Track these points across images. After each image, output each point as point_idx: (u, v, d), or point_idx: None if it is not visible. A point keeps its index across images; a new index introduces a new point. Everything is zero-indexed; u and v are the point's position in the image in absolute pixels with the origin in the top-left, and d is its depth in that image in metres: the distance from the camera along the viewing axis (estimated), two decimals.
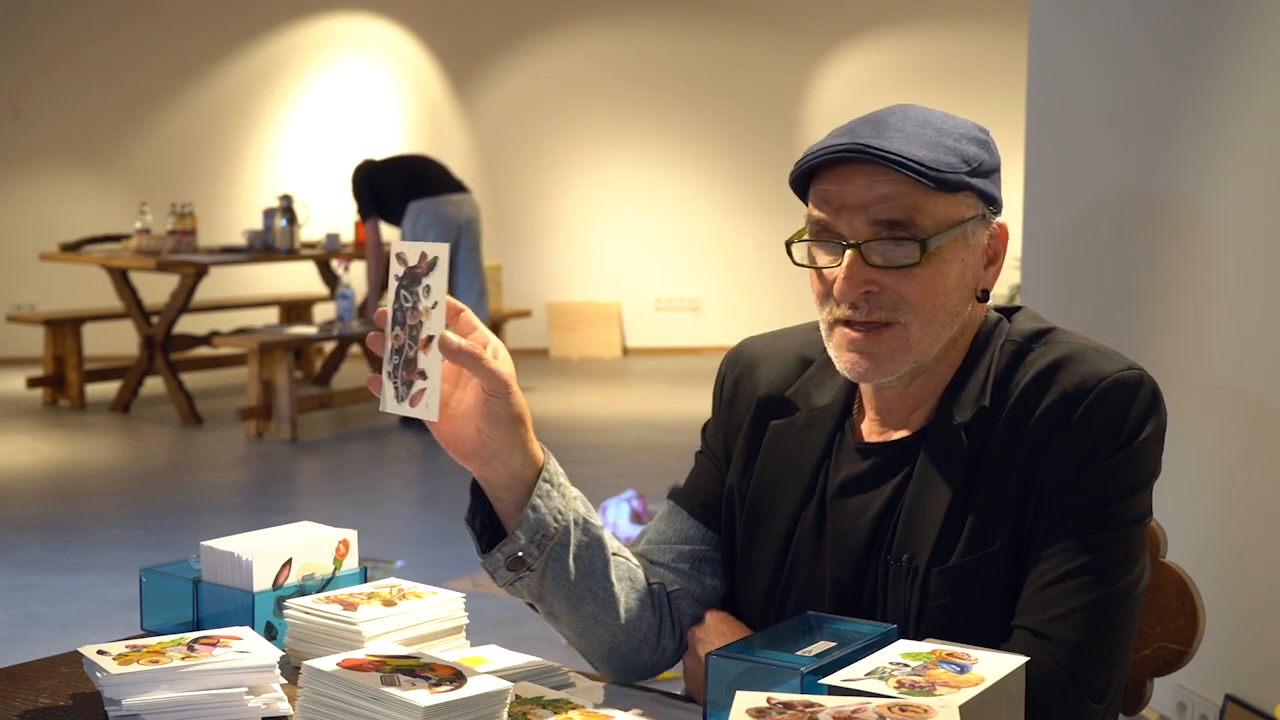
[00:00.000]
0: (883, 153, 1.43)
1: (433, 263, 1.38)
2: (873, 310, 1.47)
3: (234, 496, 6.35)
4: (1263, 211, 3.13)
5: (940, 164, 1.45)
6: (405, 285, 1.40)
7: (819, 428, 1.60)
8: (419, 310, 1.39)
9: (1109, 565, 1.44)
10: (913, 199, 1.45)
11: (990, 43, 10.28)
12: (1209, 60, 3.31)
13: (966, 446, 1.49)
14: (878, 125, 1.48)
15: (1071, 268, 3.86)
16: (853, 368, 1.50)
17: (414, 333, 1.39)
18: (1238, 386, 3.20)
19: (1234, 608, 3.12)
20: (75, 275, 9.32)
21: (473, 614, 1.66)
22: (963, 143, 1.49)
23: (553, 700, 1.44)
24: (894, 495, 1.53)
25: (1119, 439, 1.45)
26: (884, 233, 1.45)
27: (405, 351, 1.40)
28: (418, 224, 7.28)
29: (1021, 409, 1.48)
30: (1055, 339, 1.53)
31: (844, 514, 1.55)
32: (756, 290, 10.30)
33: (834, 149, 1.45)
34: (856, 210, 1.46)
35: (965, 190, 1.48)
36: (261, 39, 10.18)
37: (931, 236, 1.45)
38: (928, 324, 1.48)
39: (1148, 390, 1.47)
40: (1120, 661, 1.46)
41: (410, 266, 1.40)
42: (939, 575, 1.47)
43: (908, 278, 1.46)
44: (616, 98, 10.41)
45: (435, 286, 1.38)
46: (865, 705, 1.15)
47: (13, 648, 4.13)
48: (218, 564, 1.67)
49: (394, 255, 1.42)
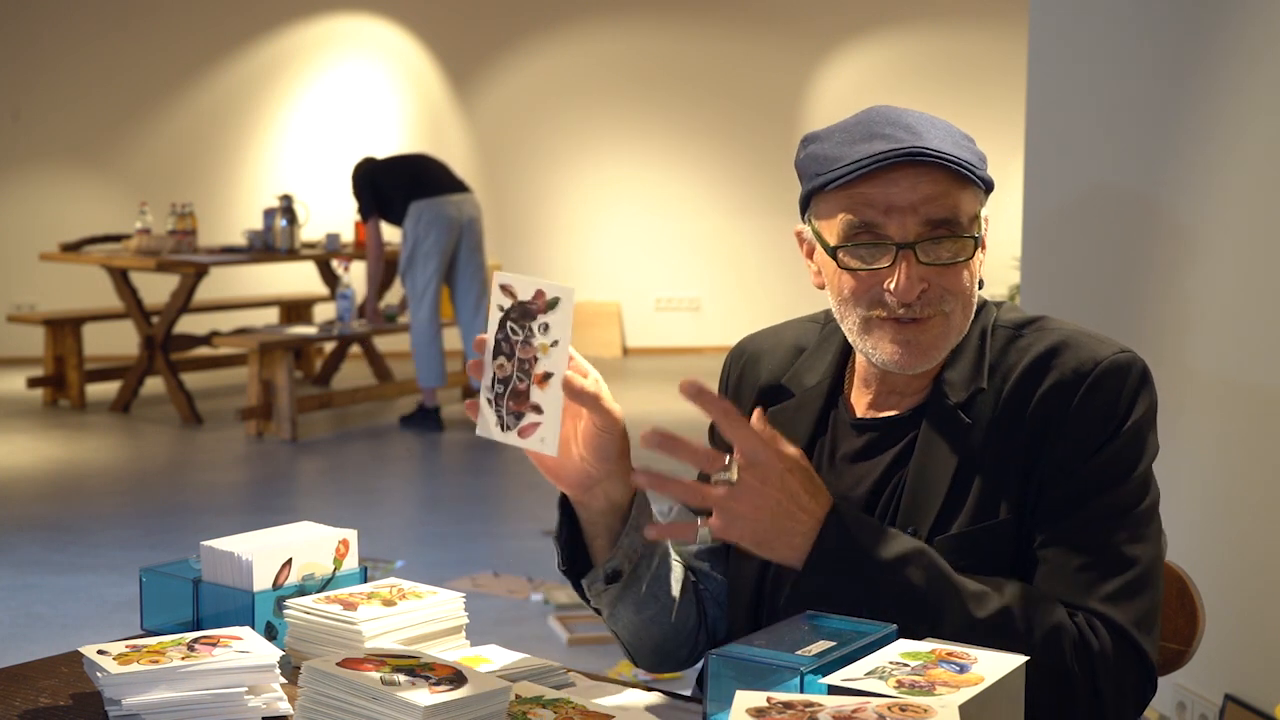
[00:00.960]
0: (940, 154, 1.49)
1: (553, 302, 1.43)
2: (925, 307, 1.53)
3: (234, 496, 6.36)
4: (1262, 211, 3.13)
5: (973, 161, 1.53)
6: (514, 319, 1.45)
7: (810, 405, 1.66)
8: (532, 345, 1.44)
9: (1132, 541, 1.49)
10: (954, 197, 1.52)
11: (990, 43, 10.29)
12: (1209, 60, 3.31)
13: (965, 423, 1.54)
14: (906, 128, 1.53)
15: (1071, 266, 3.86)
16: (898, 359, 1.55)
17: (525, 366, 1.45)
18: (1237, 385, 3.20)
19: (1234, 608, 3.12)
20: (75, 275, 9.32)
21: (473, 614, 1.67)
22: (967, 140, 1.57)
23: (553, 700, 1.44)
24: (889, 468, 1.58)
25: (1116, 421, 1.51)
26: (934, 231, 1.51)
27: (514, 383, 1.45)
28: (419, 224, 7.27)
29: (1019, 392, 1.54)
30: (1047, 325, 1.59)
31: (840, 486, 1.60)
32: (756, 290, 10.30)
33: (896, 152, 1.49)
34: (906, 211, 1.51)
35: (982, 184, 1.55)
36: (261, 39, 10.18)
37: (972, 231, 1.53)
38: (965, 310, 1.56)
39: (1139, 371, 1.54)
40: (1159, 630, 1.53)
41: (521, 300, 1.45)
42: (942, 542, 1.51)
43: (953, 271, 1.53)
44: (616, 98, 10.41)
45: (555, 326, 1.43)
46: (865, 705, 1.16)
47: (13, 648, 4.13)
48: (218, 564, 1.68)
49: (497, 285, 1.46)
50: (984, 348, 1.58)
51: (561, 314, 1.43)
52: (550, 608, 4.53)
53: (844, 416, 1.64)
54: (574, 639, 4.23)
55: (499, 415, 1.47)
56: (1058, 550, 1.49)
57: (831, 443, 1.64)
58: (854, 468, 1.60)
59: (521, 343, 1.45)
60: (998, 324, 1.60)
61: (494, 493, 6.30)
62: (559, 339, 1.43)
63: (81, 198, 9.94)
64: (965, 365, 1.57)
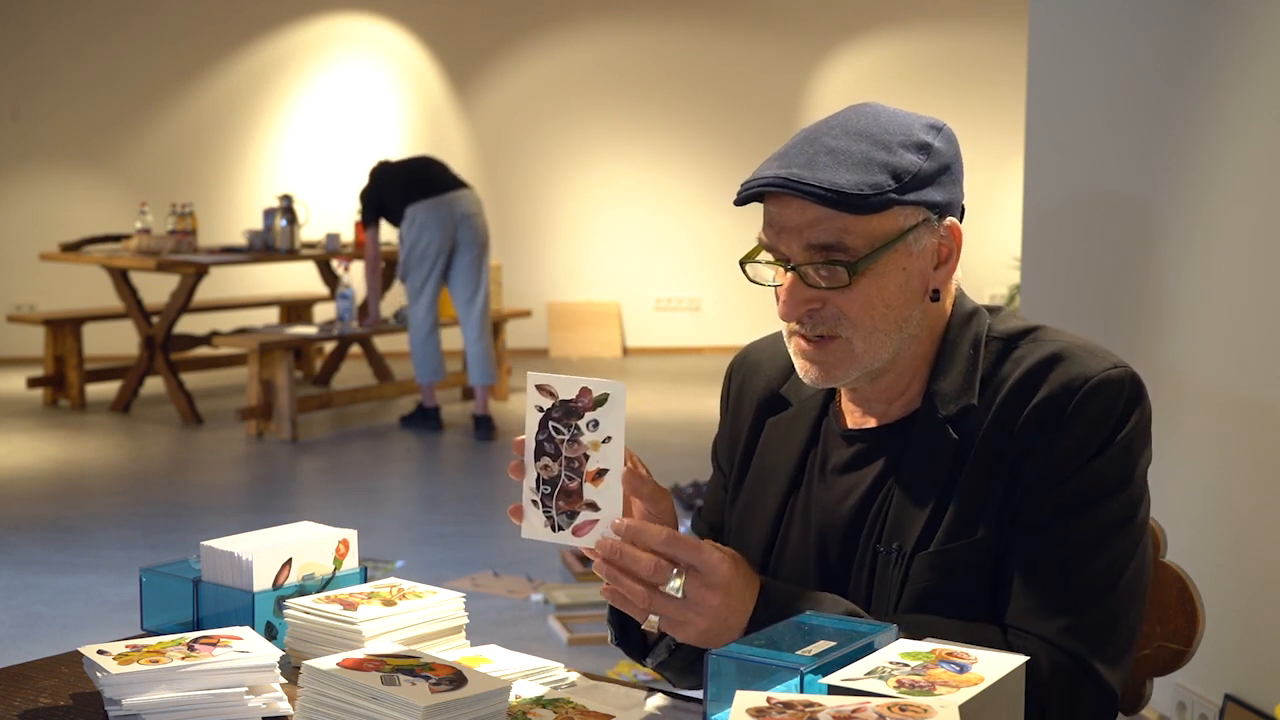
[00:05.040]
0: (803, 185, 1.48)
1: (602, 398, 1.44)
2: (816, 326, 1.54)
3: (234, 496, 6.35)
4: (1261, 212, 3.13)
5: (862, 187, 1.48)
6: (557, 418, 1.45)
7: (805, 416, 1.67)
8: (580, 443, 1.45)
9: (1108, 564, 1.48)
10: (841, 221, 1.49)
11: (990, 43, 10.29)
12: (1209, 61, 3.31)
13: (953, 439, 1.53)
14: (813, 145, 1.52)
15: (1070, 267, 3.86)
16: (806, 375, 1.57)
17: (574, 465, 1.45)
18: (1237, 385, 3.20)
19: (1234, 608, 3.12)
20: (75, 275, 9.32)
21: (473, 614, 1.67)
22: (899, 153, 1.51)
23: (552, 700, 1.44)
24: (876, 480, 1.58)
25: (1103, 436, 1.49)
26: (817, 256, 1.51)
27: (562, 482, 1.46)
28: (413, 227, 7.27)
29: (1010, 405, 1.52)
30: (1042, 336, 1.57)
31: (829, 497, 1.61)
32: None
33: (760, 181, 1.51)
34: (793, 234, 1.52)
35: (896, 206, 1.50)
36: (261, 39, 10.18)
37: (862, 257, 1.50)
38: (868, 335, 1.53)
39: (1132, 386, 1.52)
40: (1130, 655, 1.51)
41: (564, 399, 1.45)
42: (921, 559, 1.51)
43: (844, 295, 1.51)
44: (617, 98, 10.41)
45: (607, 422, 1.44)
46: (865, 705, 1.16)
47: (13, 648, 4.13)
48: (218, 564, 1.68)
49: (533, 385, 1.46)
50: (976, 358, 1.56)
51: (613, 409, 1.43)
52: (550, 608, 4.53)
53: (834, 427, 1.64)
54: (574, 639, 4.23)
55: (548, 516, 1.47)
56: (1030, 568, 1.49)
57: (822, 454, 1.64)
58: (843, 479, 1.60)
59: (568, 441, 1.45)
60: (991, 334, 1.58)
61: (494, 493, 6.30)
62: (612, 435, 1.44)
63: (81, 198, 9.93)
64: (956, 376, 1.56)
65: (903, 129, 1.53)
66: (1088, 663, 1.46)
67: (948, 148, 1.55)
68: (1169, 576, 1.71)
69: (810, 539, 1.61)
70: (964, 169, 1.58)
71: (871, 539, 1.56)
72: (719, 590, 1.44)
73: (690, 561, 1.45)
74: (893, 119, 1.54)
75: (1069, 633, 1.46)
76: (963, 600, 1.50)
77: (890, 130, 1.52)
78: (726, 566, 1.45)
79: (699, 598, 1.45)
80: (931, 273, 1.55)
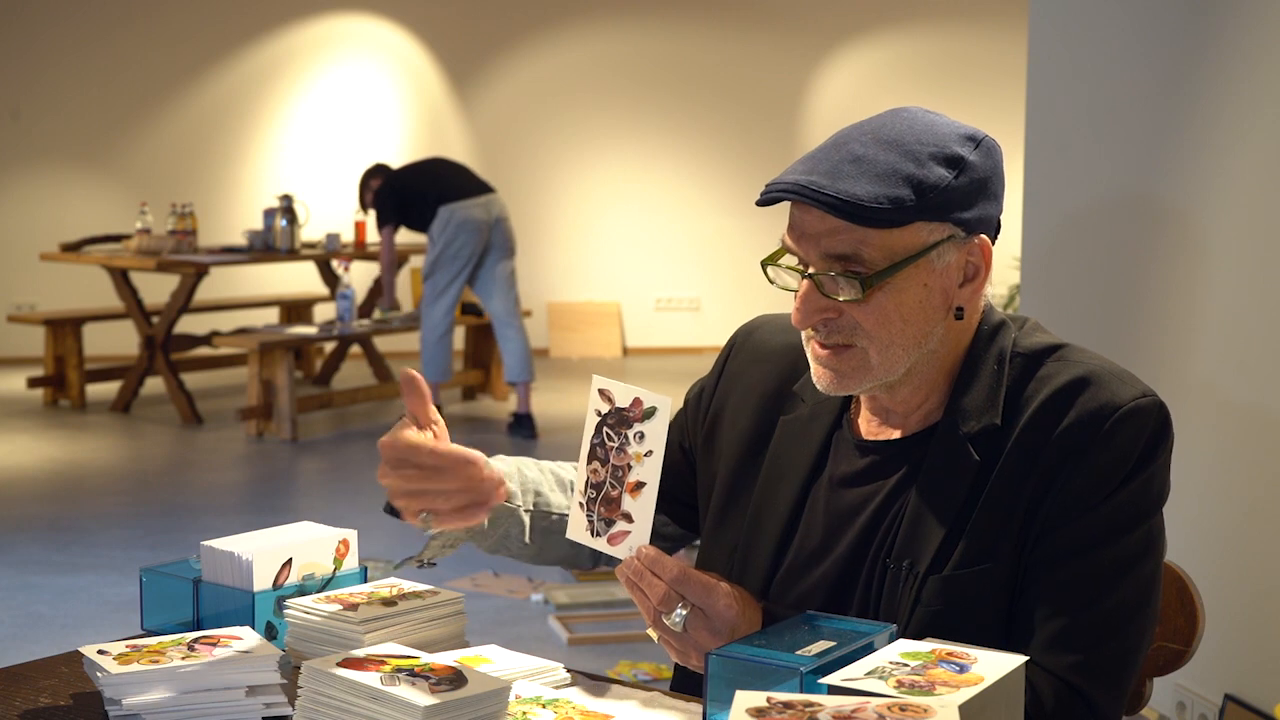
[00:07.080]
0: (821, 195, 1.44)
1: (649, 412, 1.44)
2: (830, 334, 1.51)
3: (234, 496, 6.35)
4: (1260, 215, 3.13)
5: (881, 200, 1.43)
6: (611, 424, 1.47)
7: (821, 420, 1.63)
8: (627, 453, 1.46)
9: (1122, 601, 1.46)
10: (859, 233, 1.45)
11: (990, 43, 10.28)
12: (1208, 63, 3.31)
13: (975, 459, 1.49)
14: (840, 150, 1.48)
15: (1069, 269, 3.86)
16: (820, 381, 1.53)
17: (618, 473, 1.46)
18: (1235, 386, 3.20)
19: (1234, 608, 3.12)
20: (75, 275, 9.32)
21: (473, 614, 1.67)
22: (928, 166, 1.46)
23: (552, 700, 1.44)
24: (890, 495, 1.54)
25: (1127, 469, 1.46)
26: (834, 266, 1.47)
27: (606, 489, 1.47)
28: (448, 227, 7.26)
29: (1035, 429, 1.48)
30: (1068, 356, 1.53)
31: (839, 507, 1.57)
32: (756, 290, 10.22)
33: (780, 187, 1.48)
34: (811, 241, 1.48)
35: (918, 221, 1.46)
36: (261, 39, 10.18)
37: (878, 271, 1.45)
38: (884, 349, 1.49)
39: (1159, 417, 1.48)
40: (1132, 683, 1.50)
41: (619, 407, 1.47)
42: (935, 582, 1.48)
43: (860, 307, 1.47)
44: (617, 98, 10.41)
45: (651, 435, 1.44)
46: (865, 705, 1.16)
47: (13, 648, 4.13)
48: (218, 564, 1.68)
49: (595, 389, 1.48)
50: (1000, 374, 1.52)
51: (657, 423, 1.44)
52: (550, 608, 4.53)
53: (847, 436, 1.60)
54: (574, 639, 4.23)
55: (589, 520, 1.49)
56: (1043, 602, 1.46)
57: (833, 463, 1.60)
58: (853, 491, 1.57)
59: (616, 449, 1.47)
60: (1016, 349, 1.54)
61: None
62: (653, 449, 1.44)
63: (81, 198, 9.93)
64: (979, 392, 1.51)
65: (937, 139, 1.48)
66: (1092, 699, 1.45)
67: (984, 161, 1.50)
68: (1169, 576, 1.71)
69: (817, 550, 1.58)
70: (1004, 183, 1.53)
71: (881, 552, 1.53)
72: (722, 636, 1.45)
73: (698, 603, 1.45)
74: (928, 128, 1.49)
75: (1077, 670, 1.44)
76: (974, 626, 1.47)
77: (923, 140, 1.47)
78: (733, 614, 1.46)
79: (700, 640, 1.45)
80: (956, 290, 1.50)
